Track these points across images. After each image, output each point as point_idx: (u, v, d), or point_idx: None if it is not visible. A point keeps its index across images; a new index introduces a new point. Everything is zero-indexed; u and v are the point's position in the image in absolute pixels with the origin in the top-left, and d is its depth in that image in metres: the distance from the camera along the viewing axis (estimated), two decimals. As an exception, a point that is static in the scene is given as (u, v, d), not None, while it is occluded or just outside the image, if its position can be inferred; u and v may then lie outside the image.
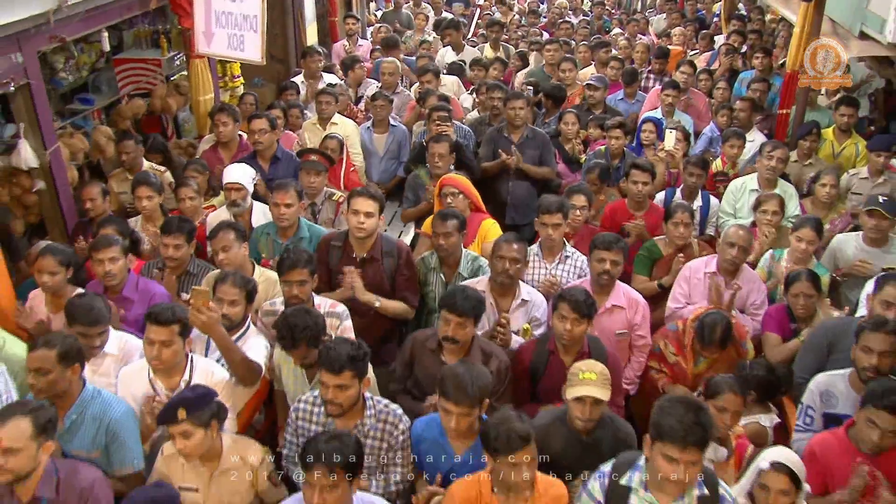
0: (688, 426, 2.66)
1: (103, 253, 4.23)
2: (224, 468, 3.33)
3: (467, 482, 3.14)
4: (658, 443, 2.75)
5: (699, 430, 2.67)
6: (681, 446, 2.67)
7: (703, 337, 4.10)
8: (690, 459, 2.69)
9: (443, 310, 3.74)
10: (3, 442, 2.88)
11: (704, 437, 2.68)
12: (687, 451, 2.68)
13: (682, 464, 2.70)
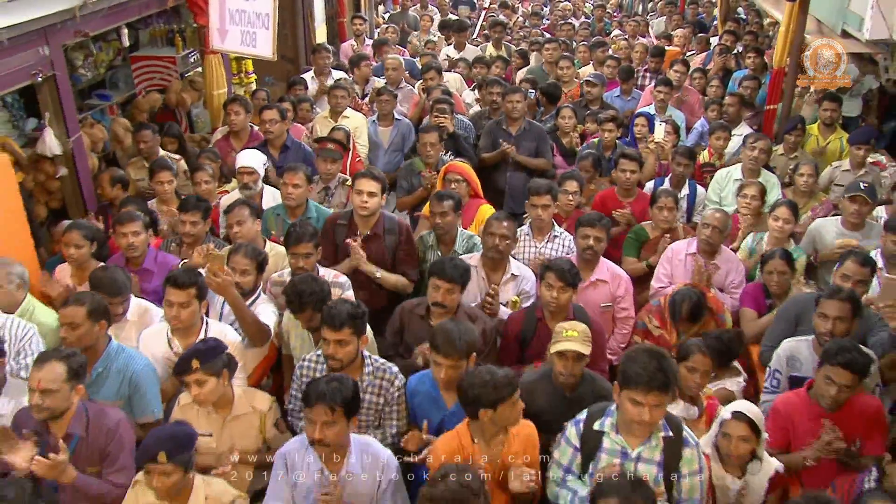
0: (651, 372, 2.97)
1: (127, 227, 4.58)
2: (235, 415, 3.65)
3: (448, 437, 3.44)
4: (625, 389, 3.06)
5: (661, 376, 2.97)
6: (645, 390, 2.97)
7: (673, 312, 4.40)
8: (654, 402, 2.99)
9: (432, 277, 4.07)
10: (41, 383, 3.23)
11: (666, 382, 2.98)
12: (651, 395, 2.98)
13: (646, 406, 3.00)
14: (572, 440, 3.31)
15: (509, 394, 3.22)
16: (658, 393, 2.98)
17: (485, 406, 3.22)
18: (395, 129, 7.33)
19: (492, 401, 3.20)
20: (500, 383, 3.21)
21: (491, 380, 3.21)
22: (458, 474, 2.80)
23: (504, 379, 3.23)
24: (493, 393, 3.21)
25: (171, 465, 3.07)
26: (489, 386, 3.20)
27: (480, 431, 3.36)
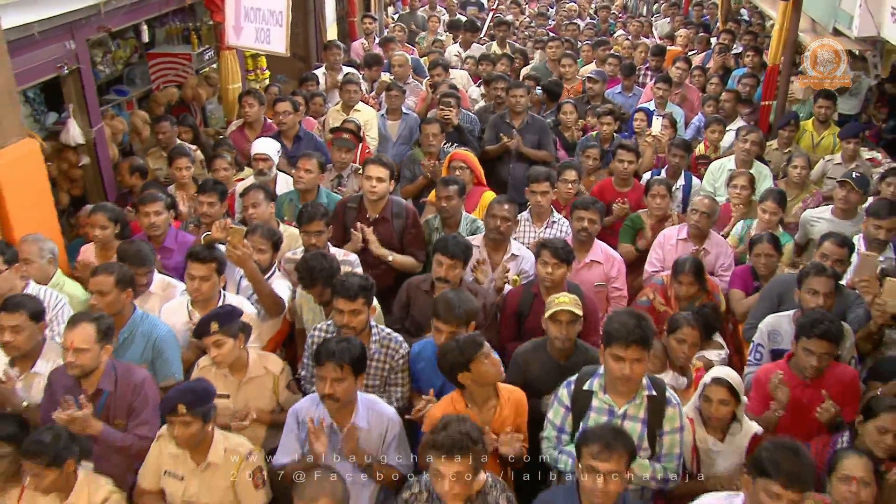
0: (630, 328, 3.23)
1: (149, 206, 4.88)
2: (250, 377, 3.93)
3: (442, 403, 3.69)
4: (608, 347, 3.32)
5: (639, 331, 3.23)
6: (624, 344, 3.23)
7: (675, 269, 4.68)
8: (634, 356, 3.25)
9: (436, 253, 4.35)
10: (74, 343, 3.51)
11: (644, 337, 3.24)
12: (630, 349, 3.24)
13: (627, 361, 3.26)
14: (564, 401, 3.57)
15: (476, 351, 3.47)
16: (637, 347, 3.23)
17: (460, 369, 3.49)
18: (403, 122, 7.60)
19: (462, 362, 3.48)
20: (464, 344, 3.50)
21: (456, 344, 3.51)
22: (459, 423, 3.06)
23: (468, 339, 3.52)
24: (460, 355, 3.48)
25: (189, 416, 3.32)
26: (456, 350, 3.49)
27: (472, 398, 3.62)
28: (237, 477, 3.45)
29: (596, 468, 2.92)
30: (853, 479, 3.21)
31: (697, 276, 4.71)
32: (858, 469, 3.23)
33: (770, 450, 2.90)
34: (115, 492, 3.41)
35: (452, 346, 3.51)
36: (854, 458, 3.28)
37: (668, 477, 3.43)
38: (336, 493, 2.92)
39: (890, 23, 5.70)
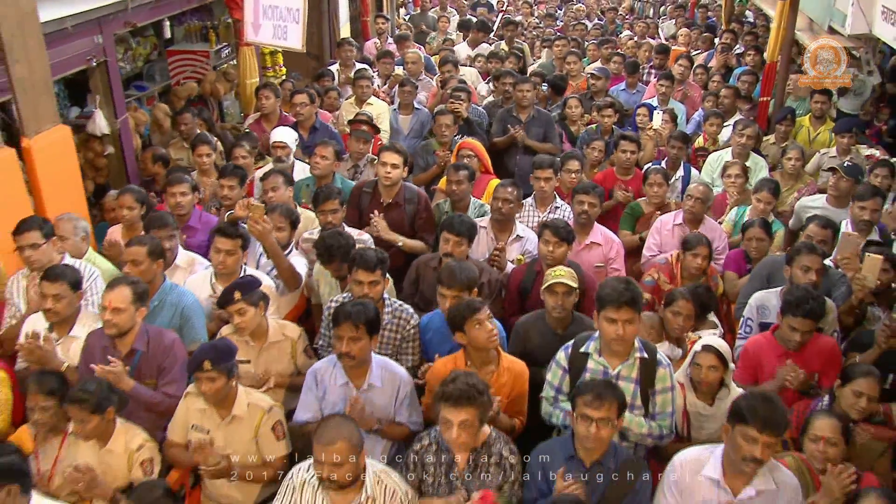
0: (620, 291, 3.52)
1: (176, 188, 5.20)
2: (270, 342, 4.22)
3: (446, 360, 3.98)
4: (601, 311, 3.60)
5: (628, 293, 3.52)
6: (616, 306, 3.52)
7: (690, 243, 4.96)
8: (625, 318, 3.53)
9: (443, 231, 4.65)
10: (112, 303, 3.83)
11: (633, 298, 3.53)
12: (622, 311, 3.52)
13: (619, 322, 3.54)
14: (562, 363, 3.85)
15: (470, 314, 3.76)
16: (628, 308, 3.52)
17: (456, 328, 3.81)
18: (414, 117, 7.89)
19: (459, 321, 3.79)
20: (462, 306, 3.83)
21: (458, 306, 3.85)
22: (466, 377, 3.35)
23: (468, 301, 3.85)
24: (458, 315, 3.80)
25: (215, 372, 3.61)
26: (456, 309, 3.83)
27: (472, 358, 3.90)
28: (259, 429, 3.75)
29: (589, 416, 3.20)
30: (822, 439, 3.48)
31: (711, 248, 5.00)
32: (826, 430, 3.49)
33: (747, 399, 3.18)
34: (148, 440, 3.72)
35: (455, 306, 3.84)
36: (822, 420, 3.54)
37: (662, 433, 3.70)
38: (352, 437, 3.19)
39: (881, 20, 5.96)
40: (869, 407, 3.71)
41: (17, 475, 3.08)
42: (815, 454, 3.50)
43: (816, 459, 3.49)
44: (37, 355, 4.04)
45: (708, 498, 3.25)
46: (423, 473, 3.52)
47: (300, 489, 3.36)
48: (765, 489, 3.19)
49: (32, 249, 4.36)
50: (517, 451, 3.55)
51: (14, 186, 5.10)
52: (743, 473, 3.19)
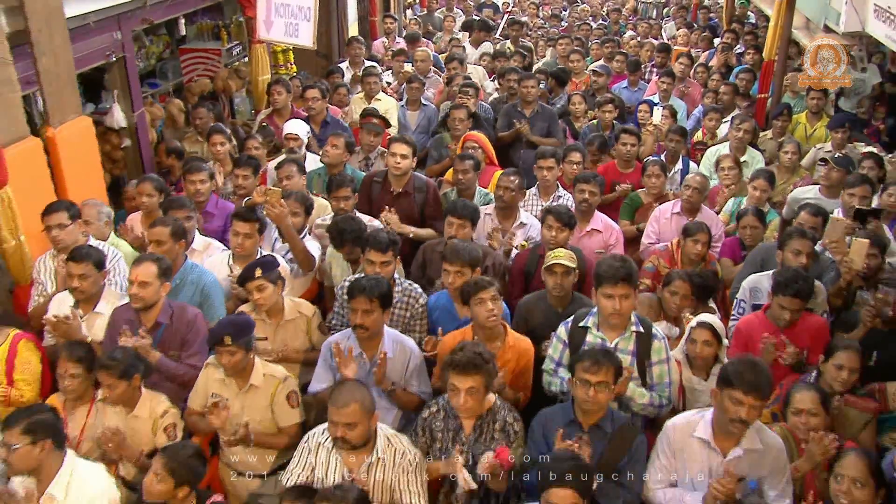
0: (616, 268, 3.75)
1: (195, 175, 5.44)
2: (286, 319, 4.44)
3: (454, 334, 4.20)
4: (599, 287, 3.82)
5: (624, 270, 3.75)
6: (612, 283, 3.74)
7: (690, 231, 5.17)
8: (621, 293, 3.75)
9: (448, 216, 4.90)
10: (139, 277, 4.07)
11: (629, 274, 3.75)
12: (618, 286, 3.74)
13: (616, 297, 3.76)
14: (562, 337, 4.07)
15: (476, 291, 4.02)
16: (624, 284, 3.74)
17: (465, 301, 4.07)
18: (421, 113, 8.12)
19: (467, 296, 4.07)
20: (472, 282, 4.11)
21: (469, 281, 4.14)
22: (473, 346, 3.57)
23: (476, 279, 4.11)
24: (467, 289, 4.08)
25: (234, 346, 3.82)
26: (468, 285, 4.12)
27: (478, 333, 4.12)
28: (275, 397, 3.96)
29: (588, 380, 3.42)
30: (803, 412, 3.68)
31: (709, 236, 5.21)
32: (806, 402, 3.69)
33: (734, 364, 3.40)
34: (172, 407, 3.95)
35: (467, 282, 4.12)
36: (802, 393, 3.74)
37: (662, 403, 3.91)
38: (365, 400, 3.41)
39: (873, 18, 6.17)
40: (850, 379, 3.90)
41: (51, 431, 3.31)
42: (798, 426, 3.70)
43: (800, 430, 3.69)
44: (63, 330, 4.27)
45: (699, 457, 3.47)
46: (431, 439, 3.74)
47: (315, 451, 3.57)
48: (751, 449, 3.41)
49: (59, 230, 4.61)
50: (520, 417, 3.77)
51: (39, 174, 5.34)
52: (731, 434, 3.41)
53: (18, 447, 3.21)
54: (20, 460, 3.23)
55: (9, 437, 3.22)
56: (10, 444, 3.21)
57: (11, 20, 5.12)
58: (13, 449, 3.21)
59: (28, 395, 4.19)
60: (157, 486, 3.30)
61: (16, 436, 3.21)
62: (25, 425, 3.22)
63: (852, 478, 3.21)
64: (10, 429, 3.22)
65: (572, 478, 2.99)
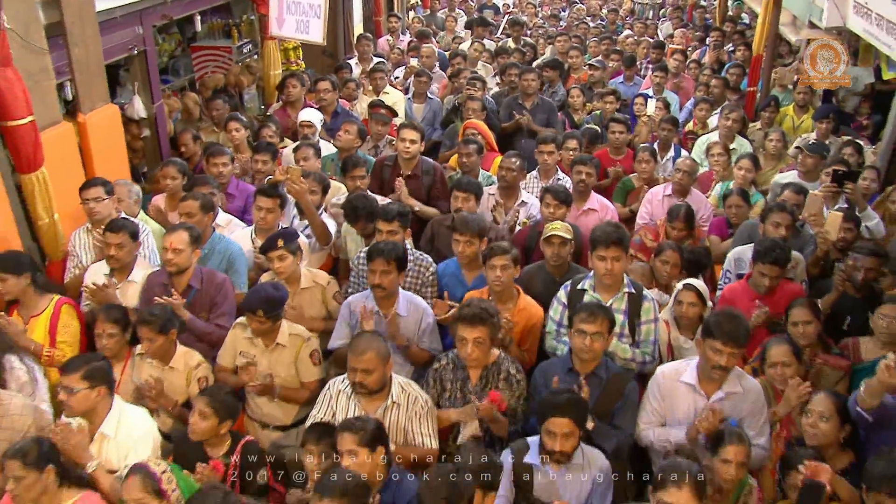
0: (608, 232, 4.16)
1: (217, 158, 5.83)
2: (303, 287, 4.80)
3: (473, 293, 4.57)
4: (593, 251, 4.22)
5: (615, 234, 4.15)
6: (605, 245, 4.13)
7: (670, 215, 5.57)
8: (613, 255, 4.15)
9: (454, 190, 5.30)
10: (173, 244, 4.45)
11: (620, 238, 4.15)
12: (609, 249, 4.14)
13: (608, 259, 4.16)
14: (562, 299, 4.45)
15: (489, 256, 4.41)
16: (615, 247, 4.13)
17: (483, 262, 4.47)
18: (427, 106, 8.53)
19: (484, 258, 4.47)
20: (490, 246, 4.49)
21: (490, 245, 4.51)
22: (480, 302, 3.95)
23: (493, 245, 4.48)
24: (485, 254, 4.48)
25: (265, 318, 4.20)
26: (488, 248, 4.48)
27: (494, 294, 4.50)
28: (299, 354, 4.34)
29: (584, 330, 3.79)
30: (777, 363, 4.03)
31: (688, 222, 5.58)
32: (780, 355, 4.03)
33: (715, 316, 3.79)
34: (204, 361, 4.32)
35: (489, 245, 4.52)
36: (776, 347, 4.08)
37: (645, 359, 4.29)
38: (380, 348, 3.76)
39: (853, 14, 6.55)
40: (807, 330, 4.26)
41: (106, 378, 3.70)
42: (774, 377, 4.06)
43: (776, 381, 4.06)
44: (100, 297, 4.64)
45: (686, 401, 3.85)
46: (441, 389, 4.12)
47: (336, 397, 3.94)
48: (732, 392, 3.79)
49: (96, 203, 4.99)
50: (522, 369, 4.14)
51: (71, 157, 5.71)
52: (714, 380, 3.79)
53: (79, 391, 3.58)
54: (79, 403, 3.61)
55: (69, 381, 3.59)
56: (71, 387, 3.58)
57: (47, 13, 5.50)
58: (74, 392, 3.58)
59: (69, 356, 4.54)
60: (202, 425, 3.67)
61: (76, 381, 3.58)
62: (85, 371, 3.60)
63: (819, 413, 3.58)
64: (71, 374, 3.59)
65: (569, 408, 3.37)
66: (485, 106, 7.27)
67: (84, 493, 3.47)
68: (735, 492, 3.54)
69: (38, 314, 4.52)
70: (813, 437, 3.60)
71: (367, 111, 7.41)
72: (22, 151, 5.06)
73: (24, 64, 5.10)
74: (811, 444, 3.60)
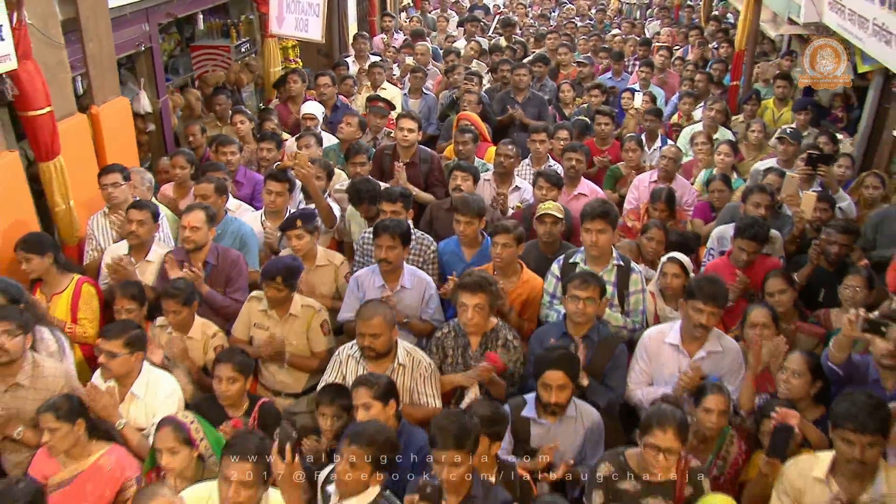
0: (594, 206, 4.52)
1: (226, 147, 6.12)
2: (317, 266, 5.10)
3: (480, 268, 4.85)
4: (582, 225, 4.55)
5: (600, 208, 4.50)
6: (590, 218, 4.48)
7: (652, 197, 5.89)
8: (598, 228, 4.49)
9: (453, 171, 5.61)
10: (191, 222, 4.74)
11: (606, 212, 4.50)
12: (595, 221, 4.48)
13: (593, 231, 4.49)
14: (555, 272, 4.77)
15: (493, 233, 4.74)
16: (601, 220, 4.47)
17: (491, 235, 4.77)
18: (422, 101, 8.83)
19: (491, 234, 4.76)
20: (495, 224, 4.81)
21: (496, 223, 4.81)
22: (480, 272, 4.27)
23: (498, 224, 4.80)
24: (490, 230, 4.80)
25: (283, 286, 4.49)
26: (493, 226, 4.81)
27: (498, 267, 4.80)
28: (311, 325, 4.63)
29: (577, 295, 4.11)
30: (757, 325, 4.31)
31: (669, 204, 5.90)
32: (759, 317, 4.30)
33: (696, 279, 4.13)
34: (220, 331, 4.61)
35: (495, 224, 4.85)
36: (756, 311, 4.36)
37: (634, 327, 4.62)
38: (387, 314, 4.06)
39: (828, 10, 6.91)
40: (781, 299, 4.57)
41: (143, 344, 4.03)
42: (753, 338, 4.35)
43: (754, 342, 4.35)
44: (120, 273, 4.91)
45: (670, 360, 4.18)
46: (443, 354, 4.42)
47: (345, 362, 4.24)
48: (713, 351, 4.13)
49: (114, 188, 5.27)
50: (518, 335, 4.45)
51: (84, 146, 5.99)
52: (696, 339, 4.12)
53: (120, 356, 3.89)
54: (118, 366, 3.91)
55: (112, 347, 3.89)
56: (113, 353, 3.88)
57: (64, 9, 5.77)
58: (116, 357, 3.88)
59: (90, 331, 4.81)
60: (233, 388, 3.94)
61: (118, 346, 3.89)
62: (126, 338, 3.91)
63: (793, 370, 3.90)
64: (113, 340, 3.90)
65: (563, 362, 3.69)
66: (481, 100, 7.60)
67: (111, 445, 3.76)
68: (717, 440, 3.85)
69: (59, 292, 4.79)
70: (787, 391, 3.92)
71: (365, 105, 7.72)
72: (41, 140, 5.32)
73: (43, 57, 5.37)
74: (784, 397, 3.91)
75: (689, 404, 3.89)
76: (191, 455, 3.53)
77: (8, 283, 4.32)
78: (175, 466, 3.43)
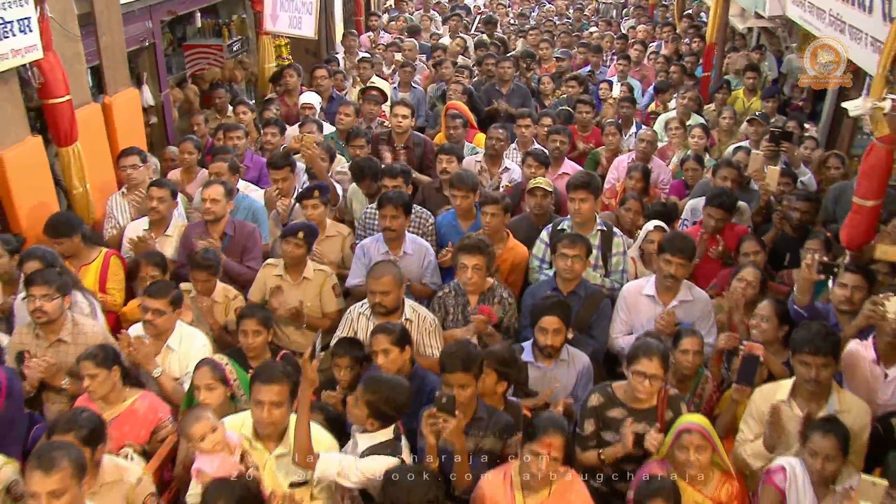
0: (577, 177, 5.01)
1: (233, 132, 6.54)
2: (326, 235, 5.51)
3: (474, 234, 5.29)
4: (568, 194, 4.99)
5: (583, 179, 4.98)
6: (574, 189, 4.95)
7: (629, 171, 6.38)
8: (581, 197, 4.98)
9: (440, 154, 6.08)
10: (211, 196, 5.15)
11: (587, 182, 4.98)
12: (578, 191, 4.97)
13: (576, 200, 4.97)
14: (545, 239, 5.23)
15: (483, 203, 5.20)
16: (583, 189, 4.95)
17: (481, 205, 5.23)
18: (412, 94, 9.27)
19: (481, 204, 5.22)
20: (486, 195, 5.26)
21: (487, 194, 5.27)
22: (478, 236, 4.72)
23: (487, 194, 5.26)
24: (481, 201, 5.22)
25: (303, 242, 4.89)
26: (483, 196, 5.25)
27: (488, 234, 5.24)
28: (323, 287, 5.05)
29: (566, 253, 4.57)
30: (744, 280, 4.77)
31: (645, 177, 6.38)
32: (748, 275, 4.77)
33: (667, 236, 4.65)
34: (239, 293, 5.01)
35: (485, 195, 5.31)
36: (749, 269, 4.79)
37: (614, 286, 5.08)
38: (395, 273, 4.48)
39: (791, 4, 7.44)
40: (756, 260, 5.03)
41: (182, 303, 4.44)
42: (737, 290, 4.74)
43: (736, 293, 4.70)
44: (142, 248, 5.30)
45: (647, 309, 4.65)
46: (445, 313, 4.85)
47: (356, 319, 4.66)
48: (685, 300, 4.61)
49: (133, 169, 5.68)
50: (513, 294, 4.90)
51: (98, 133, 6.38)
52: (669, 290, 4.60)
53: (166, 314, 4.29)
54: (163, 323, 4.32)
55: (159, 305, 4.28)
56: (160, 310, 4.28)
57: (80, 3, 6.17)
58: (162, 314, 4.28)
59: (119, 299, 5.21)
60: (257, 339, 4.31)
61: (165, 304, 4.29)
62: (171, 297, 4.31)
63: (762, 315, 4.36)
64: (159, 299, 4.28)
65: (557, 308, 4.15)
66: (467, 90, 8.06)
67: (143, 391, 4.15)
68: (694, 380, 4.31)
69: (88, 263, 5.16)
70: (757, 335, 4.38)
71: (358, 96, 8.15)
72: (60, 127, 5.71)
73: (61, 49, 5.75)
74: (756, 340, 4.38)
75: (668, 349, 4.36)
76: (225, 393, 3.93)
77: (44, 250, 4.70)
78: (211, 402, 3.82)
